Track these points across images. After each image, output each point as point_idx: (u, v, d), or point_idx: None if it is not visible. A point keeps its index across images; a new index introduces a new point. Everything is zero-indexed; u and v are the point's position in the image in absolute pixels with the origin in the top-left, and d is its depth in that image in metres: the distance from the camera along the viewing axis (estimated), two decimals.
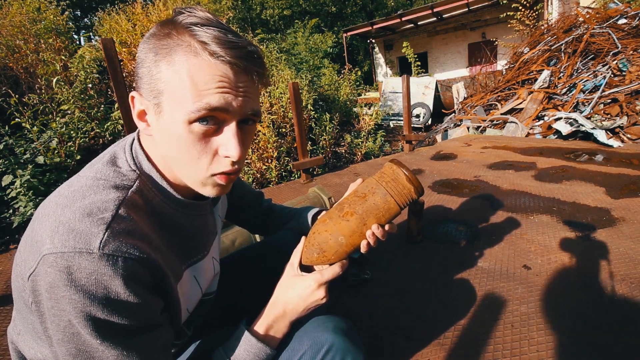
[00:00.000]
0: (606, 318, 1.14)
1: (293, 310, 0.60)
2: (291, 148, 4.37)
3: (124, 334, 0.43)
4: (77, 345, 0.42)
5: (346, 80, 6.61)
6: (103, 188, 0.46)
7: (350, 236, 0.60)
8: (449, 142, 4.48)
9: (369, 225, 0.60)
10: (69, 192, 0.45)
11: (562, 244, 1.63)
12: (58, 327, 0.41)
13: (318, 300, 0.61)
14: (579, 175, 2.57)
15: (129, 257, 0.42)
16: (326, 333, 0.57)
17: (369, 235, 0.61)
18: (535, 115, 4.67)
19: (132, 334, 0.44)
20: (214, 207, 0.68)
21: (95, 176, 0.48)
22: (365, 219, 0.59)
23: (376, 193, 0.60)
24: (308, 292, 0.60)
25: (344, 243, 0.60)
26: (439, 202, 2.32)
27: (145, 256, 0.44)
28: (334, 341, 0.56)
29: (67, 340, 0.42)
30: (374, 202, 0.59)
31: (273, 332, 0.59)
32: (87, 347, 0.42)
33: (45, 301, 0.41)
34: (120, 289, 0.42)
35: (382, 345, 1.12)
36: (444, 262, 1.57)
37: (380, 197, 0.59)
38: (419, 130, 8.24)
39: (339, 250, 0.61)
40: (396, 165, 0.61)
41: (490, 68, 10.62)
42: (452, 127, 5.82)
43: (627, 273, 1.36)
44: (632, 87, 4.10)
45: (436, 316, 1.23)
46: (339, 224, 0.60)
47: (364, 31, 12.54)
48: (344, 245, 0.61)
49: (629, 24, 4.95)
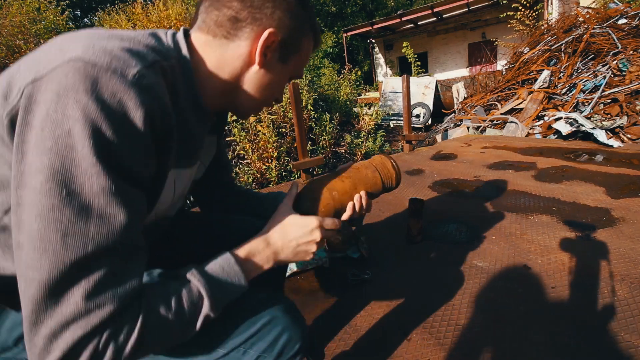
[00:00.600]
0: (606, 318, 1.14)
1: (284, 245, 0.58)
2: (291, 148, 4.37)
3: (118, 170, 0.39)
4: (63, 159, 0.36)
5: (346, 80, 6.62)
6: (141, 45, 0.45)
7: (342, 194, 0.69)
8: (449, 142, 4.47)
9: (359, 190, 0.71)
10: (106, 33, 0.44)
11: (562, 244, 1.63)
12: (50, 135, 0.36)
13: (312, 242, 0.60)
14: (579, 175, 2.57)
15: (156, 100, 0.42)
16: (268, 308, 0.57)
17: (357, 199, 0.71)
18: (535, 115, 4.67)
19: (126, 177, 0.40)
20: (213, 133, 0.73)
21: (134, 36, 0.46)
22: (356, 184, 0.72)
23: (368, 168, 0.75)
24: (306, 230, 0.59)
25: (336, 198, 0.69)
26: (439, 202, 2.31)
27: (168, 114, 0.44)
28: (275, 314, 0.56)
29: (54, 151, 0.36)
30: (365, 174, 0.74)
31: (256, 260, 0.56)
32: (74, 165, 0.36)
33: (44, 107, 0.36)
34: (137, 122, 0.39)
35: (382, 345, 1.12)
36: (444, 262, 1.57)
37: (371, 172, 0.74)
38: (419, 130, 8.24)
39: (330, 203, 0.68)
40: (386, 155, 0.79)
41: (490, 68, 10.61)
42: (452, 127, 5.82)
43: (627, 273, 1.36)
44: (632, 87, 4.10)
45: (436, 316, 1.23)
46: (335, 182, 0.70)
47: (364, 31, 12.54)
48: (336, 200, 0.69)
49: (629, 24, 4.95)
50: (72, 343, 0.37)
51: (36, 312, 0.36)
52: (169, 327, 0.44)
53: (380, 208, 2.25)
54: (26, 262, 0.37)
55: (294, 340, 0.56)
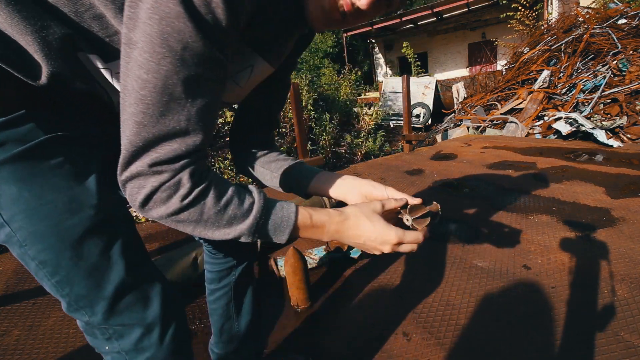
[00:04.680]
0: (606, 318, 1.14)
1: (350, 236, 0.55)
2: (291, 148, 4.37)
3: (216, 45, 0.40)
4: (167, 25, 0.37)
5: (346, 80, 6.62)
6: None
7: None
8: (449, 142, 4.47)
9: None
10: None
11: (562, 244, 1.63)
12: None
13: (377, 249, 0.56)
14: (579, 175, 2.57)
15: None
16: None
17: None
18: (535, 115, 4.67)
19: (218, 56, 0.41)
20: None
21: None
22: None
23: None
24: (381, 240, 0.55)
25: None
26: (439, 202, 2.30)
27: None
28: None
29: (157, 21, 0.37)
30: None
31: (312, 224, 0.52)
32: (179, 32, 0.37)
33: None
34: None
35: (382, 345, 1.12)
36: (444, 262, 1.57)
37: None
38: (419, 130, 8.24)
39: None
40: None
41: (490, 68, 10.61)
42: (452, 127, 5.82)
43: (627, 273, 1.36)
44: (632, 87, 4.10)
45: (436, 316, 1.23)
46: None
47: (364, 31, 12.54)
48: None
49: (629, 24, 4.95)
50: (169, 155, 0.41)
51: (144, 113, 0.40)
52: (211, 210, 0.45)
53: None
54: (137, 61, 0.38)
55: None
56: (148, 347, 0.54)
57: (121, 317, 0.52)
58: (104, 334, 0.53)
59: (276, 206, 0.50)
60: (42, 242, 0.47)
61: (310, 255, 1.56)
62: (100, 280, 0.50)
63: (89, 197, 0.50)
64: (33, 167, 0.46)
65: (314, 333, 1.21)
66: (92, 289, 0.50)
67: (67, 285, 0.49)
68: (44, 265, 0.48)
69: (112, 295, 0.50)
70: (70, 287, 0.49)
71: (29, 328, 1.32)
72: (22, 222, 0.46)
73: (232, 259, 0.84)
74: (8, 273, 1.74)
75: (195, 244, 1.52)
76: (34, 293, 1.53)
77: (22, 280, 1.65)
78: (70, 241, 0.48)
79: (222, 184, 0.46)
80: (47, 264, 0.48)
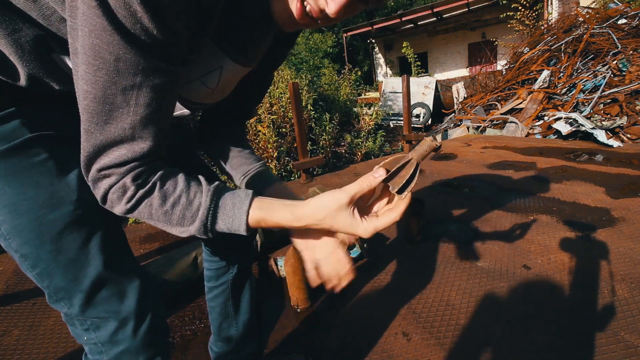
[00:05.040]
0: (606, 318, 1.14)
1: (311, 216, 0.48)
2: (291, 148, 4.37)
3: (165, 30, 0.38)
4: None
5: (346, 80, 6.62)
6: None
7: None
8: (449, 142, 4.47)
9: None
10: None
11: (562, 244, 1.63)
12: None
13: (348, 228, 0.48)
14: (579, 175, 2.57)
15: None
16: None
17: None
18: (535, 115, 4.67)
19: (158, 64, 0.40)
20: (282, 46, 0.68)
21: None
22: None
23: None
24: (350, 231, 0.48)
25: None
26: (439, 202, 2.31)
27: None
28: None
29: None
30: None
31: (267, 225, 0.49)
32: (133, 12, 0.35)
33: None
34: None
35: (382, 345, 1.12)
36: (444, 262, 1.57)
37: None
38: (419, 130, 8.24)
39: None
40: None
41: (490, 68, 10.61)
42: (452, 127, 5.83)
43: (627, 273, 1.36)
44: (632, 87, 4.10)
45: (436, 316, 1.23)
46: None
47: (364, 31, 12.54)
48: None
49: (629, 24, 4.95)
50: (116, 160, 0.42)
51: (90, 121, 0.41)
52: (159, 211, 0.46)
53: None
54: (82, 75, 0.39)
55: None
56: (122, 340, 0.56)
57: (97, 309, 0.54)
58: (82, 325, 0.55)
59: (227, 205, 0.48)
60: (23, 236, 0.49)
61: None
62: (78, 274, 0.52)
63: (69, 194, 0.51)
64: (16, 164, 0.48)
65: (314, 333, 1.21)
66: (70, 282, 0.52)
67: (47, 277, 0.51)
68: (25, 258, 0.51)
69: (89, 288, 0.52)
70: (49, 280, 0.51)
71: (29, 328, 1.32)
72: (5, 217, 0.49)
73: (229, 258, 0.85)
74: (8, 273, 1.74)
75: (195, 244, 1.52)
76: (34, 293, 1.53)
77: (22, 280, 1.65)
78: (50, 235, 0.50)
79: (171, 185, 0.46)
80: (28, 257, 0.50)
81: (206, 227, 0.47)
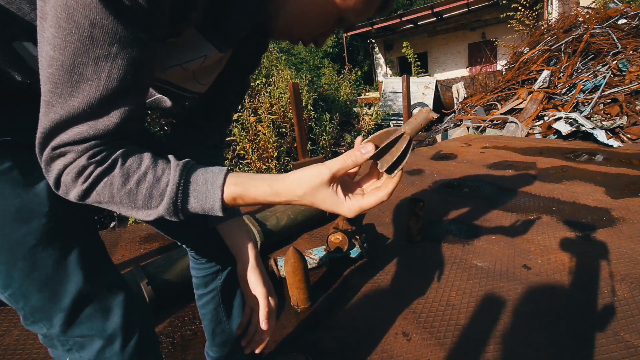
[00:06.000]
0: (606, 318, 1.14)
1: (291, 191, 0.44)
2: (291, 148, 4.37)
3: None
4: None
5: (346, 80, 6.62)
6: None
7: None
8: (449, 142, 4.47)
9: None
10: None
11: (562, 244, 1.63)
12: None
13: (330, 207, 0.45)
14: (579, 175, 2.57)
15: None
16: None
17: None
18: (535, 115, 4.67)
19: (137, 35, 0.37)
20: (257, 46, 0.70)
21: None
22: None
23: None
24: (333, 210, 0.45)
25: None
26: (439, 202, 2.31)
27: None
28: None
29: None
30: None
31: (245, 202, 0.45)
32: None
33: None
34: None
35: (382, 345, 1.12)
36: (444, 262, 1.57)
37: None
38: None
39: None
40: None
41: (490, 68, 10.62)
42: (452, 127, 5.82)
43: (627, 273, 1.36)
44: (632, 87, 4.10)
45: (436, 316, 1.23)
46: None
47: (364, 31, 12.55)
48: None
49: (629, 24, 4.95)
50: (75, 137, 0.38)
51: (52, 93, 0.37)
52: (121, 191, 0.41)
53: (380, 208, 2.25)
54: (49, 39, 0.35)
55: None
56: (109, 358, 0.52)
57: (80, 328, 0.50)
58: (64, 346, 0.51)
59: (198, 181, 0.44)
60: None
61: (310, 255, 1.56)
62: (56, 292, 0.47)
63: (39, 205, 0.47)
64: None
65: (314, 333, 1.21)
66: (48, 301, 0.47)
67: (22, 298, 0.47)
68: None
69: (70, 306, 0.48)
70: (24, 300, 0.47)
71: None
72: None
73: (215, 264, 0.81)
74: None
75: None
76: None
77: None
78: (22, 252, 0.45)
79: (135, 161, 0.42)
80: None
81: (176, 207, 0.43)
